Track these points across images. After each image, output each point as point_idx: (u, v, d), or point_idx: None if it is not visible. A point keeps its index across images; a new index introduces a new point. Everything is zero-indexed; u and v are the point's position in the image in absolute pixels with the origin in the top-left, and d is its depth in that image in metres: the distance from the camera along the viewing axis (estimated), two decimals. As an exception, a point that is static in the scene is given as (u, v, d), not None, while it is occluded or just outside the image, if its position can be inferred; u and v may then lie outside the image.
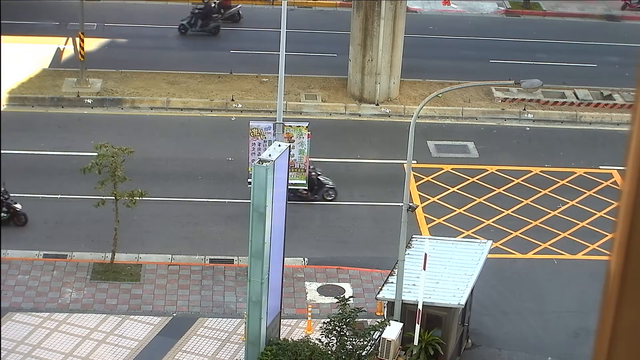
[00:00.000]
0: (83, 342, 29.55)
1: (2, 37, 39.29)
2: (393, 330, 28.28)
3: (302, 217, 35.15)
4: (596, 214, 37.26)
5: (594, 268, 33.86)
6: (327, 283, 32.88)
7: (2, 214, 34.16)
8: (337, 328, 27.86)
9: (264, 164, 26.24)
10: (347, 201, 37.12)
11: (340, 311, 28.06)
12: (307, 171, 34.48)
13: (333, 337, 27.89)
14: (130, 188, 31.99)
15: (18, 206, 34.41)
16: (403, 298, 28.38)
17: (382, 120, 43.16)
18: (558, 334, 31.26)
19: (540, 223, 36.63)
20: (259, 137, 32.25)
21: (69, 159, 37.69)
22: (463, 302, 28.28)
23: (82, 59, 43.37)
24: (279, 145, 27.46)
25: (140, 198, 31.74)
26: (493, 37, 51.43)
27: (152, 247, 33.92)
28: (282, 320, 29.38)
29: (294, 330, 30.47)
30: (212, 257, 33.73)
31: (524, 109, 44.20)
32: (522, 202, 37.90)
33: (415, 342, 28.39)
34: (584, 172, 39.99)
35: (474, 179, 39.10)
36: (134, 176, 32.98)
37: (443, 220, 36.44)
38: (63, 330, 29.99)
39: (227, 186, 37.11)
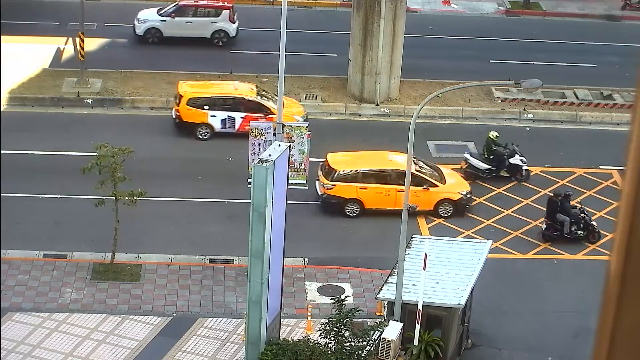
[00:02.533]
0: (83, 342, 29.54)
1: (2, 37, 39.25)
2: (393, 330, 28.26)
3: (302, 217, 35.13)
4: (596, 214, 37.24)
5: (594, 268, 33.86)
6: (327, 283, 32.88)
7: (579, 232, 34.57)
8: (335, 329, 27.85)
9: (264, 164, 26.23)
10: (347, 201, 37.07)
11: (338, 312, 28.05)
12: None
13: (332, 338, 27.88)
14: (130, 188, 32.00)
15: (594, 223, 34.86)
16: (403, 298, 28.36)
17: (382, 120, 43.15)
18: (558, 334, 31.25)
19: (540, 223, 36.61)
20: (259, 137, 32.24)
21: (69, 159, 37.67)
22: (463, 302, 28.27)
23: (82, 59, 43.38)
24: (279, 145, 27.45)
25: (140, 198, 31.74)
26: (493, 37, 51.44)
27: (152, 247, 33.91)
28: (282, 320, 29.37)
29: (294, 330, 30.47)
30: (212, 257, 33.73)
31: (524, 109, 44.21)
32: (522, 202, 37.90)
33: (415, 342, 28.37)
34: (584, 172, 40.00)
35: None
36: (134, 176, 32.95)
37: (443, 220, 36.44)
38: (63, 330, 29.98)
39: (227, 186, 37.10)
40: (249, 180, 28.41)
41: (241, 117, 40.13)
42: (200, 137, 40.41)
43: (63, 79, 43.94)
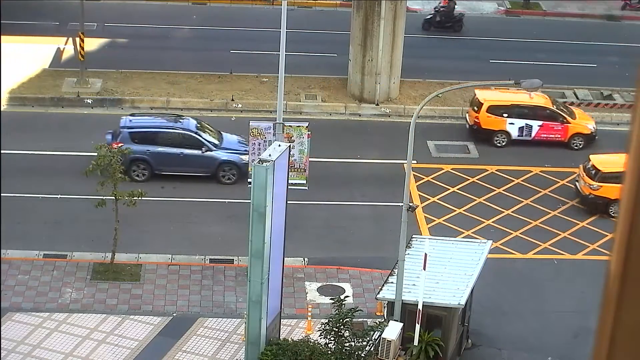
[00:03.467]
0: (83, 342, 29.54)
1: (2, 37, 39.24)
2: (393, 330, 28.26)
3: (302, 217, 35.13)
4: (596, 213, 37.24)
5: (594, 268, 33.85)
6: (327, 283, 32.88)
7: None
8: (335, 329, 27.85)
9: (264, 164, 26.23)
10: (347, 201, 37.11)
11: (338, 312, 28.04)
12: None
13: (332, 338, 27.88)
14: (130, 188, 31.99)
15: None
16: (403, 298, 28.36)
17: (382, 120, 43.15)
18: (558, 334, 31.25)
19: (540, 223, 36.62)
20: (259, 137, 32.23)
21: (69, 159, 37.69)
22: (463, 302, 28.27)
23: (82, 59, 43.37)
24: (279, 145, 27.45)
25: (140, 198, 31.74)
26: (493, 37, 51.43)
27: (152, 247, 33.91)
28: (282, 320, 29.37)
29: (294, 330, 30.47)
30: (212, 257, 33.73)
31: (524, 109, 44.17)
32: (522, 202, 37.90)
33: (415, 342, 28.37)
34: (584, 172, 39.94)
35: (474, 179, 39.11)
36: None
37: (443, 220, 36.43)
38: (63, 330, 29.98)
39: (227, 186, 37.09)
40: (249, 180, 28.41)
41: (538, 125, 41.24)
42: (497, 144, 41.29)
43: (63, 79, 43.94)
